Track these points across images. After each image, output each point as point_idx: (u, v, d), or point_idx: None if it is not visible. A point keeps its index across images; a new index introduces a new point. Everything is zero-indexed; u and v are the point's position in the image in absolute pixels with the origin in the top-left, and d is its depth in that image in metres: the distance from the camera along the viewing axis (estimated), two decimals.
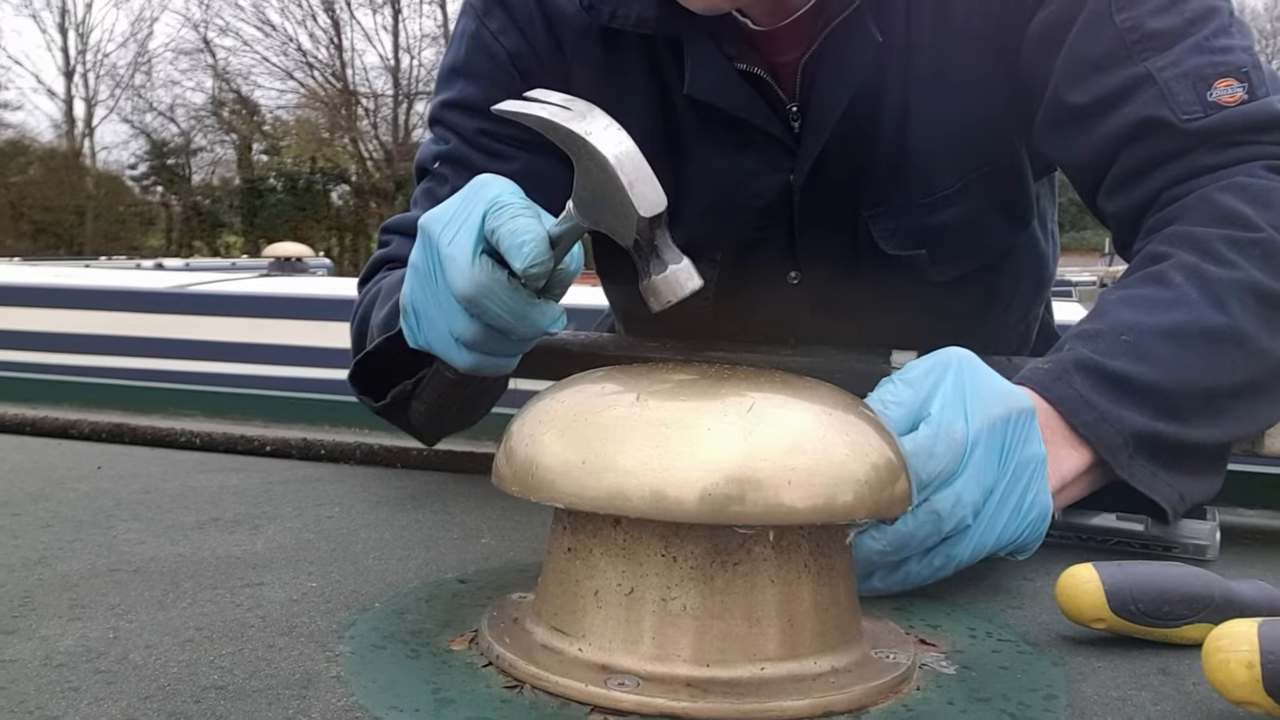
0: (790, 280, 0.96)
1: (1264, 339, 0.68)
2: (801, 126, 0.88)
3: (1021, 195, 0.96)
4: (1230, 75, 0.76)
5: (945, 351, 0.60)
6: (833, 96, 0.86)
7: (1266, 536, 0.78)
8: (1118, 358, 0.66)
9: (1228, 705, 0.42)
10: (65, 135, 22.97)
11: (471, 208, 0.63)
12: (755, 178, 0.91)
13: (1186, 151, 0.76)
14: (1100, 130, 0.79)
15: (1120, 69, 0.78)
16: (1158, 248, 0.73)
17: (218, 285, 5.13)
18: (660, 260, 0.56)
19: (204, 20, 23.96)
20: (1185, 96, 0.76)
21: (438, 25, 21.75)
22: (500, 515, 0.74)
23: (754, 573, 0.44)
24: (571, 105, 0.57)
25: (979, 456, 0.56)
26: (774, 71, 0.87)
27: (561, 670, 0.44)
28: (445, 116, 0.94)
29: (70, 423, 1.00)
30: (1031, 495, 0.57)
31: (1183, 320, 0.67)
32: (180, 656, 0.46)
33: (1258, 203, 0.72)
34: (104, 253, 16.49)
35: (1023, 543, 0.58)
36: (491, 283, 0.61)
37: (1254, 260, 0.69)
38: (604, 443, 0.43)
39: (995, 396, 0.58)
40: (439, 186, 0.92)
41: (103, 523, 0.69)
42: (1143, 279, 0.71)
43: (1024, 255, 1.02)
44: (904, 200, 0.91)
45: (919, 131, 0.88)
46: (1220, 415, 0.67)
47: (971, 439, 0.56)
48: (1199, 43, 0.77)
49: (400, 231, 0.94)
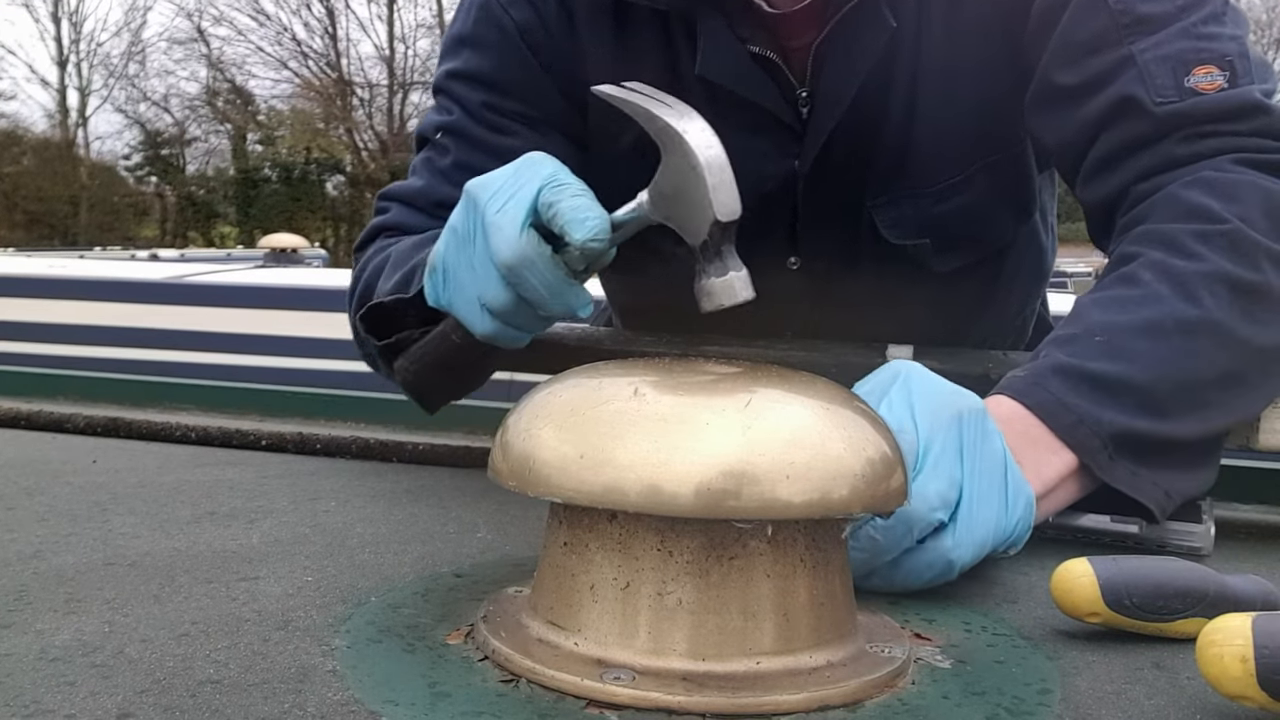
0: (790, 266, 0.95)
1: (1240, 328, 0.68)
2: (810, 112, 0.87)
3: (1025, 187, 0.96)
4: (1213, 63, 0.75)
5: (891, 364, 0.60)
6: (843, 83, 0.85)
7: (1261, 531, 0.79)
8: (1094, 359, 0.65)
9: (1222, 699, 0.42)
10: (59, 125, 22.88)
11: (524, 180, 0.63)
12: (761, 162, 0.90)
13: (1157, 140, 0.76)
14: (1083, 111, 0.79)
15: (1108, 52, 0.78)
16: (1127, 249, 0.73)
17: (213, 276, 5.11)
18: (722, 264, 0.58)
19: (198, 9, 23.80)
20: (1162, 80, 0.76)
21: (433, 15, 21.68)
22: (496, 509, 0.74)
23: (750, 567, 0.44)
24: (672, 103, 0.59)
25: (935, 454, 0.55)
26: (785, 56, 0.86)
27: (557, 664, 0.44)
28: (449, 87, 0.93)
29: (65, 416, 1.00)
30: (1012, 485, 0.57)
31: (1155, 315, 0.67)
32: (176, 650, 0.46)
33: (1223, 196, 0.71)
34: (98, 243, 16.44)
35: (1019, 535, 0.58)
36: (535, 255, 0.62)
37: (1222, 251, 0.69)
38: (601, 437, 0.43)
39: (942, 398, 0.57)
40: (439, 157, 0.92)
41: (98, 517, 0.69)
42: (1113, 280, 0.71)
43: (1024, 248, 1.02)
44: (909, 189, 0.91)
45: (927, 120, 0.88)
46: (1202, 408, 0.66)
47: (924, 440, 0.55)
48: (1186, 28, 0.77)
49: (399, 199, 0.93)
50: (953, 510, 0.55)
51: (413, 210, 0.92)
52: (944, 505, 0.55)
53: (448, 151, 0.91)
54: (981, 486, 0.56)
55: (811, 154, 0.88)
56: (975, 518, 0.55)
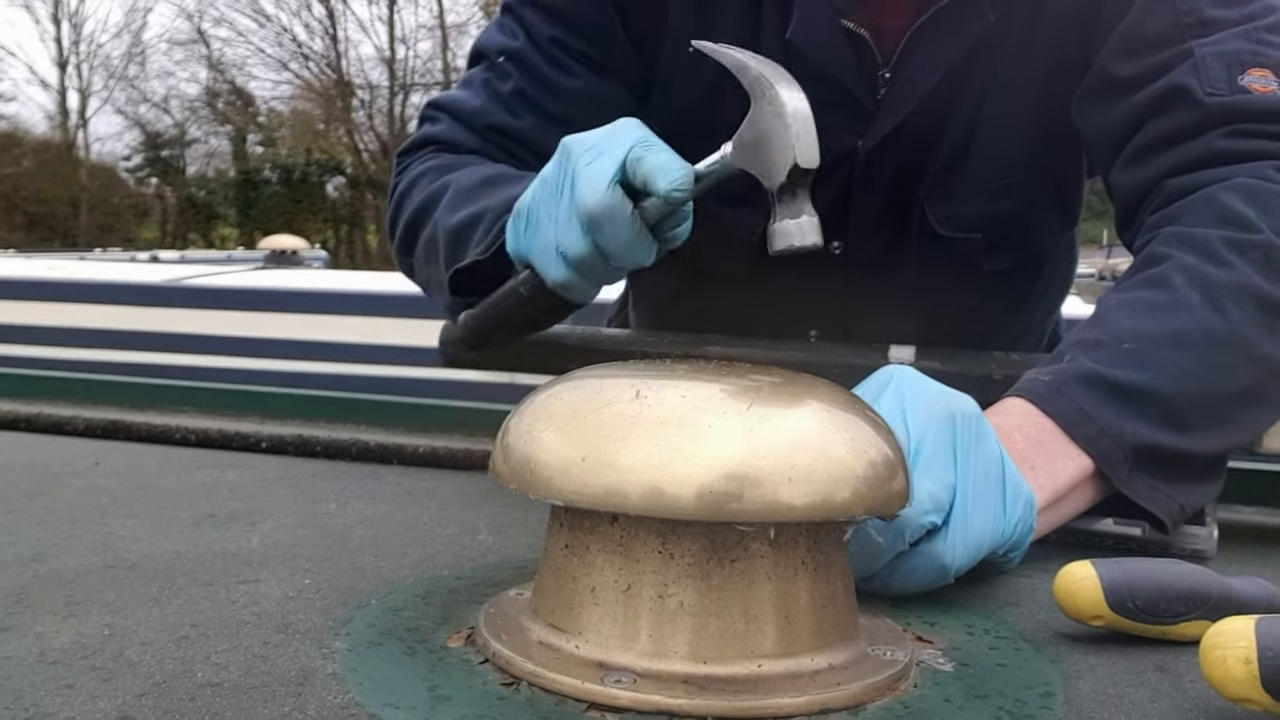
0: (833, 250, 0.95)
1: (1264, 344, 0.67)
2: (887, 94, 0.87)
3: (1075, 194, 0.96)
4: (1269, 67, 0.76)
5: (885, 369, 0.60)
6: (930, 68, 0.85)
7: (1263, 534, 0.79)
8: (1120, 367, 0.65)
9: (1225, 702, 0.42)
10: (59, 127, 22.89)
11: (616, 140, 0.66)
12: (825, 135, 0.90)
13: (1202, 131, 0.76)
14: (1132, 100, 0.80)
15: (1169, 48, 0.79)
16: (1157, 249, 0.72)
17: (214, 278, 5.11)
18: (795, 208, 0.62)
19: (198, 11, 23.81)
20: (1216, 73, 0.76)
21: (434, 16, 21.69)
22: (497, 512, 0.74)
23: (751, 570, 0.44)
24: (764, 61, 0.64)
25: (927, 454, 0.54)
26: (876, 34, 0.86)
27: (558, 667, 0.43)
28: (521, 11, 0.93)
29: (65, 419, 1.00)
30: (1010, 487, 0.56)
31: (1184, 326, 0.67)
32: (176, 653, 0.46)
33: (1261, 205, 0.71)
34: (99, 245, 16.43)
35: (1019, 538, 0.57)
36: (618, 207, 0.64)
37: (1253, 263, 0.69)
38: (603, 439, 0.43)
39: (935, 400, 0.57)
40: (500, 81, 0.92)
41: (98, 519, 0.68)
42: (1142, 282, 0.71)
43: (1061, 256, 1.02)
44: (965, 184, 0.90)
45: (993, 117, 0.88)
46: (1221, 422, 0.66)
47: (915, 440, 0.55)
48: (1247, 31, 0.77)
49: (452, 114, 0.93)
50: (946, 513, 0.54)
51: (465, 128, 0.93)
52: (936, 507, 0.53)
53: (509, 77, 0.91)
54: (976, 488, 0.55)
55: (878, 135, 0.88)
56: (970, 520, 0.54)
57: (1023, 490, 0.57)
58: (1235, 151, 0.75)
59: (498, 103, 0.92)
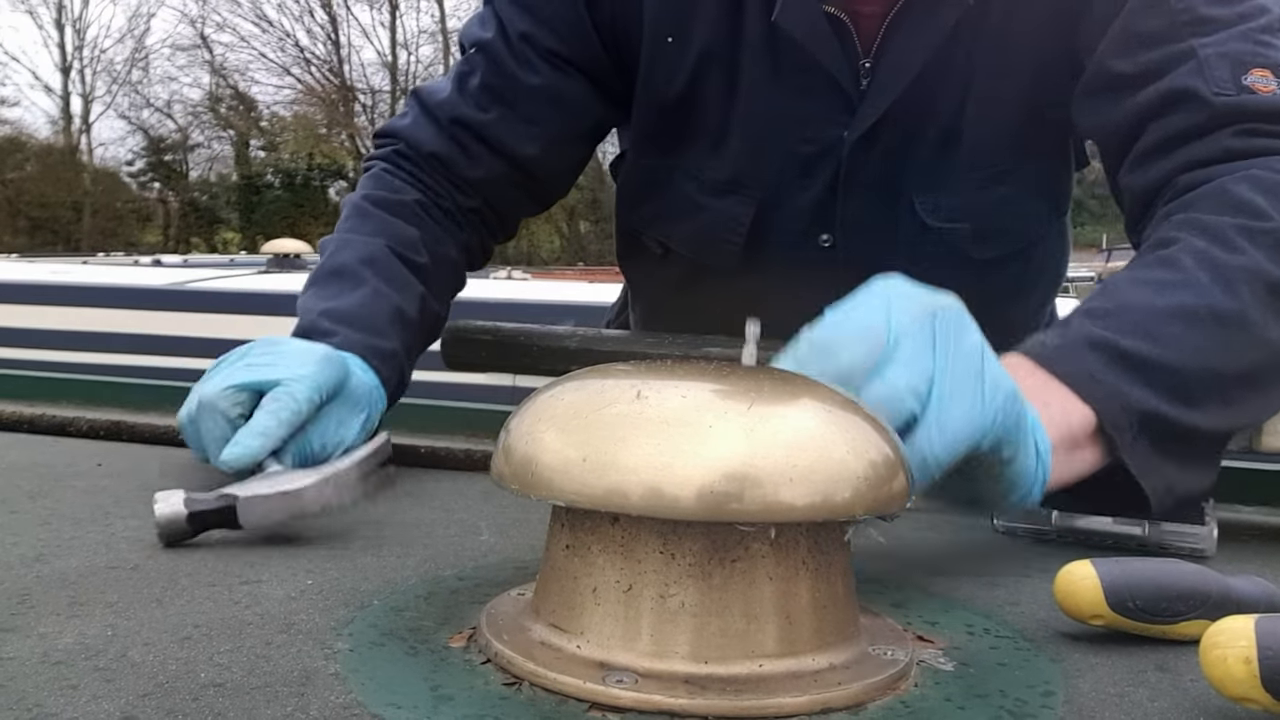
0: (822, 243, 0.95)
1: (1270, 328, 0.67)
2: (870, 83, 0.87)
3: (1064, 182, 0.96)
4: (1268, 68, 0.77)
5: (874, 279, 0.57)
6: (911, 56, 0.85)
7: (1263, 533, 0.79)
8: (1129, 336, 0.64)
9: (1225, 701, 0.42)
10: (62, 131, 22.94)
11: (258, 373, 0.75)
12: (809, 125, 0.90)
13: (1211, 130, 0.76)
14: (1136, 99, 0.80)
15: (1169, 45, 0.79)
16: (1167, 233, 0.72)
17: (217, 282, 5.12)
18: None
19: (201, 16, 23.88)
20: (1221, 74, 0.77)
21: (435, 21, 21.73)
22: (498, 512, 0.74)
23: (752, 570, 0.44)
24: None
25: (907, 347, 0.52)
26: (855, 21, 0.86)
27: (559, 667, 0.44)
28: (497, 3, 0.93)
29: (68, 420, 1.00)
30: (989, 377, 0.53)
31: (1191, 302, 0.66)
32: (178, 654, 0.46)
33: (1272, 195, 0.72)
34: (101, 249, 16.46)
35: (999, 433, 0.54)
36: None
37: (1265, 249, 0.69)
38: (604, 440, 0.43)
39: (918, 298, 0.55)
40: (469, 75, 0.94)
41: (101, 520, 0.69)
42: (1152, 262, 0.71)
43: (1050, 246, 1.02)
44: (951, 174, 0.90)
45: (978, 107, 0.88)
46: (1226, 402, 0.66)
47: (895, 334, 0.52)
48: (1245, 32, 0.78)
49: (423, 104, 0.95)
50: (924, 404, 0.52)
51: (429, 121, 0.94)
52: (914, 395, 0.51)
53: (478, 70, 0.92)
54: (955, 380, 0.52)
55: (863, 125, 0.88)
56: (948, 410, 0.52)
57: (1004, 382, 0.54)
58: (1247, 149, 0.75)
59: (465, 95, 0.93)
